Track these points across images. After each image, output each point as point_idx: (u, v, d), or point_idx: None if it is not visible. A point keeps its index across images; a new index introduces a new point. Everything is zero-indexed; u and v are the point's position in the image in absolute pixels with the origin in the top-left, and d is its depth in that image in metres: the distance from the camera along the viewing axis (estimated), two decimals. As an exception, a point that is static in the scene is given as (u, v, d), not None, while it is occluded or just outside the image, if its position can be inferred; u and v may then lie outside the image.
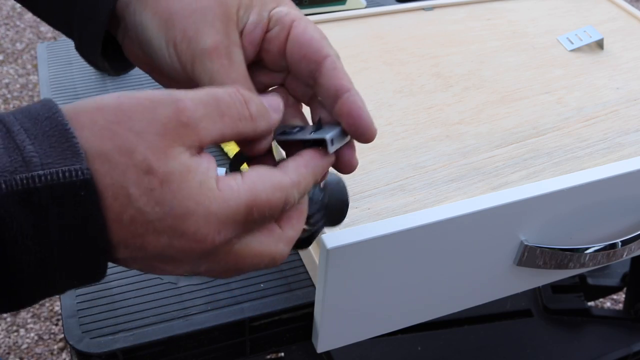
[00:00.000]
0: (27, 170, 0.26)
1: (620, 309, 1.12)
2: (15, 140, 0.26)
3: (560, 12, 0.78)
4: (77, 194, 0.26)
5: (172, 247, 0.29)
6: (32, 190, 0.25)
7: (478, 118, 0.59)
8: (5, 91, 2.02)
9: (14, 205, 0.25)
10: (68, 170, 0.26)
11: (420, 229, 0.44)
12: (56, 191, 0.26)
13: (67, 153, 0.26)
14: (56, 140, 0.27)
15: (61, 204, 0.26)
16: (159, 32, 0.38)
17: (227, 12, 0.37)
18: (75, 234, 0.27)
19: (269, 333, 0.50)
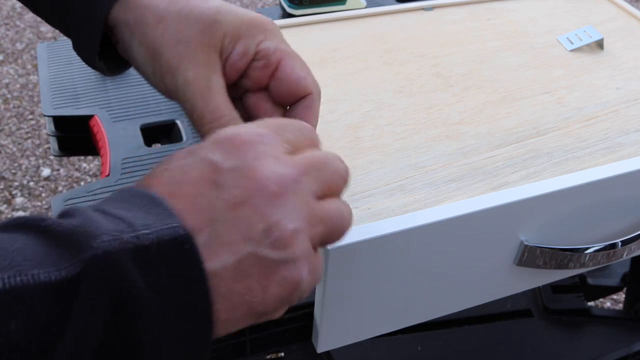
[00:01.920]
0: (133, 231, 0.27)
1: (620, 309, 1.12)
2: (114, 214, 0.28)
3: (560, 12, 0.78)
4: (182, 247, 0.27)
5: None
6: (141, 249, 0.26)
7: (478, 118, 0.59)
8: (5, 91, 2.02)
9: (128, 263, 0.26)
10: (170, 227, 0.27)
11: (420, 229, 0.44)
12: (163, 248, 0.27)
13: (163, 215, 0.28)
14: (149, 208, 0.28)
15: (169, 260, 0.27)
16: (146, 61, 0.39)
17: (211, 42, 0.38)
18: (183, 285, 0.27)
19: (269, 333, 0.50)
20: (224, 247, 0.29)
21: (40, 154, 1.81)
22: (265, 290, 0.30)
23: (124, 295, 0.26)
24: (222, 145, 0.31)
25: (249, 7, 2.47)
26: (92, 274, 0.25)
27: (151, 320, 0.26)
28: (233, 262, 0.29)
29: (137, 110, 0.65)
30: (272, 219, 0.30)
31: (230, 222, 0.29)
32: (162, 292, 0.27)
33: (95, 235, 0.26)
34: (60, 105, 0.65)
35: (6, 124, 1.90)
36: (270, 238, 0.30)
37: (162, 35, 0.38)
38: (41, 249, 0.26)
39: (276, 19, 0.73)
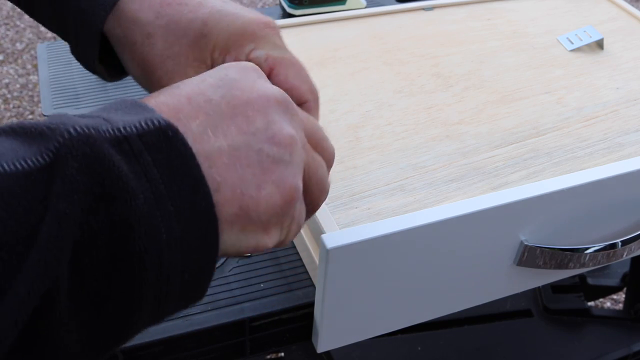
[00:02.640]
0: (110, 124, 0.25)
1: (620, 309, 1.12)
2: (91, 115, 0.26)
3: (560, 12, 0.78)
4: (166, 135, 0.26)
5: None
6: (121, 139, 0.25)
7: (478, 118, 0.59)
8: (5, 91, 2.02)
9: (108, 148, 0.24)
10: (150, 119, 0.26)
11: (420, 229, 0.44)
12: (146, 138, 0.25)
13: (146, 113, 0.26)
14: (132, 109, 0.27)
15: (154, 149, 0.25)
16: (138, 76, 0.39)
17: (200, 56, 0.37)
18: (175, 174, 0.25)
19: (269, 333, 0.50)
20: (218, 133, 0.28)
21: (40, 154, 1.81)
22: (259, 188, 0.28)
23: (107, 179, 0.23)
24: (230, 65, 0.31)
25: (248, 7, 2.47)
26: (66, 156, 0.23)
27: (141, 206, 0.24)
28: (227, 148, 0.28)
29: (137, 110, 0.65)
30: (271, 118, 0.29)
31: (229, 116, 0.28)
32: (151, 179, 0.25)
33: (69, 125, 0.24)
34: (60, 105, 0.65)
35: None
36: (268, 133, 0.29)
37: (150, 53, 0.37)
38: (12, 143, 0.23)
39: (276, 19, 0.73)
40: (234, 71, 0.31)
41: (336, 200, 0.49)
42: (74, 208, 0.23)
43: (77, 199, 0.23)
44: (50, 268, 0.22)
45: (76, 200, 0.23)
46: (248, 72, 0.31)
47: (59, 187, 0.22)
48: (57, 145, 0.23)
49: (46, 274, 0.22)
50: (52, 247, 0.22)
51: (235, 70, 0.31)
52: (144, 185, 0.24)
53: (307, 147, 0.32)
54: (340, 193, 0.49)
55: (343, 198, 0.49)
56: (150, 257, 0.24)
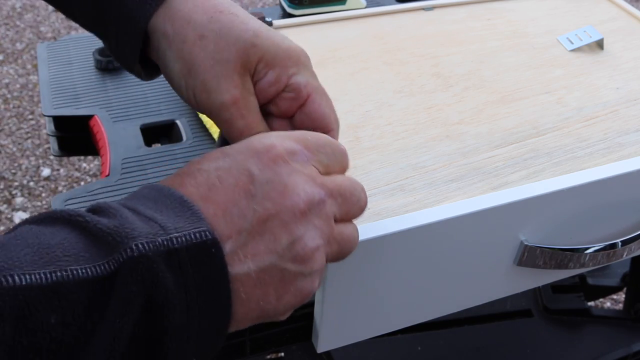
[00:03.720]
0: (166, 234, 0.28)
1: (620, 309, 1.12)
2: (146, 215, 0.29)
3: (560, 12, 0.78)
4: (209, 251, 0.29)
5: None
6: (172, 251, 0.28)
7: (478, 118, 0.59)
8: (5, 91, 2.02)
9: (162, 265, 0.28)
10: (199, 232, 0.29)
11: (420, 229, 0.44)
12: (193, 251, 0.29)
13: (193, 219, 0.29)
14: (179, 210, 0.30)
15: (197, 263, 0.29)
16: (180, 75, 0.39)
17: (247, 65, 0.39)
18: (208, 289, 0.29)
19: (269, 333, 0.50)
20: (249, 255, 0.31)
21: (40, 154, 1.81)
22: (279, 299, 0.32)
23: (155, 294, 0.27)
24: (259, 155, 0.33)
25: (248, 7, 2.47)
26: (128, 273, 0.27)
27: (177, 317, 0.28)
28: (255, 271, 0.31)
29: (137, 110, 0.65)
30: (297, 235, 0.32)
31: (258, 233, 0.31)
32: (188, 291, 0.28)
33: (131, 237, 0.27)
34: (60, 105, 0.65)
35: (6, 124, 1.90)
36: (292, 252, 0.32)
37: (200, 54, 0.38)
38: (80, 245, 0.27)
39: (276, 19, 0.73)
40: (268, 168, 0.32)
41: (336, 200, 0.49)
42: (127, 326, 0.27)
43: (131, 317, 0.27)
44: None
45: (130, 318, 0.27)
46: (280, 174, 0.32)
47: (116, 304, 0.26)
48: (121, 261, 0.27)
49: None
50: (102, 354, 0.26)
51: (268, 168, 0.32)
52: (182, 297, 0.28)
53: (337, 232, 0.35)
54: (340, 193, 0.49)
55: (343, 198, 0.49)
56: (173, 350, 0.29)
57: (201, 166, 0.32)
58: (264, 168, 0.32)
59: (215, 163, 0.32)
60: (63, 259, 0.26)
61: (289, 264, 0.32)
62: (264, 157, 0.33)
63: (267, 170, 0.32)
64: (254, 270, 0.31)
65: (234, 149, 0.33)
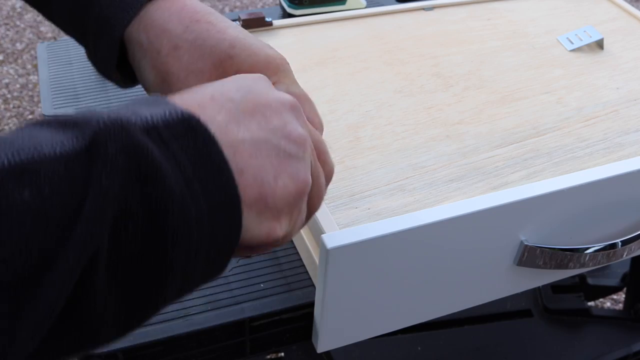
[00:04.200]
0: (137, 115, 0.27)
1: (620, 309, 1.12)
2: (118, 110, 0.27)
3: (560, 12, 0.78)
4: (190, 123, 0.28)
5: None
6: (149, 127, 0.26)
7: (478, 118, 0.59)
8: (5, 91, 2.02)
9: (140, 134, 0.26)
10: (175, 110, 0.28)
11: (420, 229, 0.44)
12: (171, 126, 0.27)
13: (169, 106, 0.28)
14: (153, 103, 0.28)
15: (181, 137, 0.27)
16: (155, 85, 0.39)
17: (222, 76, 0.38)
18: (202, 159, 0.27)
19: (269, 333, 0.50)
20: (241, 127, 0.30)
21: (40, 154, 1.81)
22: (276, 178, 0.31)
23: (143, 162, 0.25)
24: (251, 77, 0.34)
25: (248, 7, 2.47)
26: (106, 141, 0.25)
27: (175, 188, 0.26)
28: (249, 140, 0.30)
29: (137, 110, 0.65)
30: (287, 119, 0.32)
31: (249, 112, 0.31)
32: (180, 163, 0.26)
33: (101, 116, 0.25)
34: (60, 105, 0.65)
35: (6, 124, 1.90)
36: (285, 132, 0.32)
37: (175, 64, 0.38)
38: (47, 132, 0.25)
39: (276, 19, 0.73)
40: (250, 79, 0.33)
41: (336, 200, 0.49)
42: (115, 186, 0.24)
43: (118, 178, 0.24)
44: (94, 239, 0.24)
45: (117, 179, 0.24)
46: (262, 81, 0.34)
47: (100, 167, 0.24)
48: (95, 130, 0.25)
49: (90, 244, 0.24)
50: (95, 220, 0.24)
51: (251, 78, 0.33)
52: (174, 169, 0.26)
53: (314, 153, 0.35)
54: (340, 193, 0.49)
55: (343, 198, 0.49)
56: (181, 233, 0.26)
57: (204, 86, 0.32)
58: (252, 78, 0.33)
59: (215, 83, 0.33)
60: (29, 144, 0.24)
61: (283, 141, 0.31)
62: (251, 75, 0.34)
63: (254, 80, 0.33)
64: (249, 139, 0.30)
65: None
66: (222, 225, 0.28)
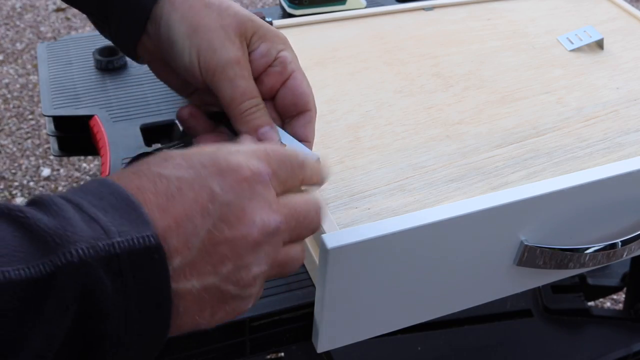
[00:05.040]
0: (108, 238, 0.28)
1: (620, 309, 1.12)
2: (89, 214, 0.28)
3: (560, 12, 0.78)
4: (152, 257, 0.29)
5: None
6: (113, 257, 0.27)
7: (478, 118, 0.59)
8: (5, 91, 2.02)
9: (100, 272, 0.27)
10: (142, 237, 0.28)
11: (420, 229, 0.44)
12: (133, 256, 0.28)
13: (138, 222, 0.29)
14: (125, 211, 0.29)
15: (138, 269, 0.28)
16: (185, 37, 0.43)
17: (244, 34, 0.44)
18: (148, 296, 0.29)
19: (269, 333, 0.50)
20: (194, 274, 0.31)
21: (40, 154, 1.81)
22: (213, 315, 0.33)
23: (92, 301, 0.27)
24: (224, 174, 0.32)
25: (249, 7, 2.47)
26: (65, 279, 0.26)
27: (114, 322, 0.28)
28: (197, 289, 0.31)
29: (137, 110, 0.65)
30: (245, 262, 0.33)
31: (208, 252, 0.31)
32: (127, 297, 0.28)
33: (72, 241, 0.27)
34: (60, 105, 0.65)
35: (6, 124, 1.90)
36: (236, 277, 0.32)
37: (205, 17, 0.43)
38: (16, 242, 0.26)
39: (276, 19, 0.73)
40: (230, 189, 0.32)
41: (336, 200, 0.49)
42: (61, 331, 0.26)
43: (65, 323, 0.26)
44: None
45: (64, 324, 0.26)
46: (241, 197, 0.32)
47: (51, 310, 0.26)
48: (59, 265, 0.26)
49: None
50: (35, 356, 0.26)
51: (230, 188, 0.32)
52: (120, 303, 0.28)
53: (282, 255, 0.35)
54: (340, 193, 0.49)
55: (343, 198, 0.49)
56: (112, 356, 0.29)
57: (162, 171, 0.31)
58: (227, 189, 0.32)
59: (177, 171, 0.32)
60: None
61: (230, 287, 0.32)
62: (229, 178, 0.32)
63: (230, 191, 0.32)
64: (196, 288, 0.31)
65: (198, 161, 0.33)
66: (149, 353, 0.31)
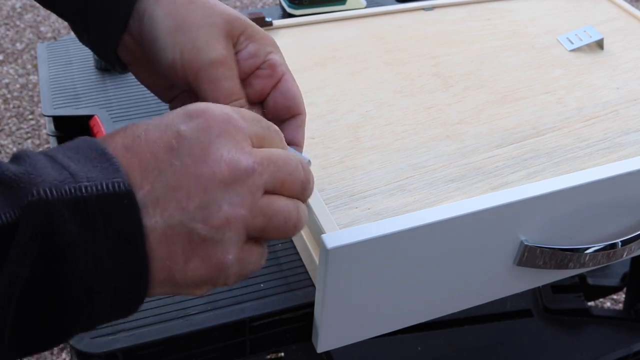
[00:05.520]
0: (75, 182, 0.28)
1: (620, 309, 1.12)
2: (61, 163, 0.29)
3: (560, 12, 0.78)
4: (122, 202, 0.28)
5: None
6: (79, 200, 0.27)
7: (478, 118, 0.59)
8: (5, 91, 2.02)
9: (64, 212, 0.27)
10: (112, 182, 0.28)
11: (420, 229, 0.44)
12: (103, 201, 0.28)
13: (110, 170, 0.29)
14: (98, 161, 0.29)
15: (108, 213, 0.28)
16: (168, 34, 0.41)
17: (231, 33, 0.41)
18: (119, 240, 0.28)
19: (269, 333, 0.50)
20: (158, 209, 0.30)
21: (40, 154, 1.81)
22: (187, 262, 0.31)
23: (56, 241, 0.27)
24: (191, 116, 0.32)
25: (249, 7, 2.47)
26: (27, 219, 0.26)
27: (81, 265, 0.27)
28: (161, 226, 0.30)
29: (137, 110, 0.65)
30: (212, 198, 0.31)
31: (172, 188, 0.30)
32: (96, 240, 0.28)
33: (35, 182, 0.27)
34: (60, 105, 0.65)
35: (6, 124, 1.90)
36: (204, 214, 0.31)
37: (190, 14, 0.40)
38: None
39: (276, 19, 0.73)
40: (197, 128, 0.32)
41: (336, 200, 0.49)
42: (24, 270, 0.26)
43: (28, 263, 0.26)
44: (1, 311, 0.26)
45: (26, 264, 0.26)
46: (208, 133, 0.32)
47: (14, 252, 0.26)
48: (21, 206, 0.26)
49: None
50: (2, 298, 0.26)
51: (197, 127, 0.32)
52: (88, 247, 0.27)
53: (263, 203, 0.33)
54: (340, 193, 0.49)
55: (343, 198, 0.49)
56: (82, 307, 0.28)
57: (134, 124, 0.32)
58: (193, 127, 0.31)
59: (148, 123, 0.32)
60: None
61: (199, 225, 0.31)
62: (196, 119, 0.32)
63: (196, 129, 0.31)
64: (161, 225, 0.30)
65: (170, 112, 0.33)
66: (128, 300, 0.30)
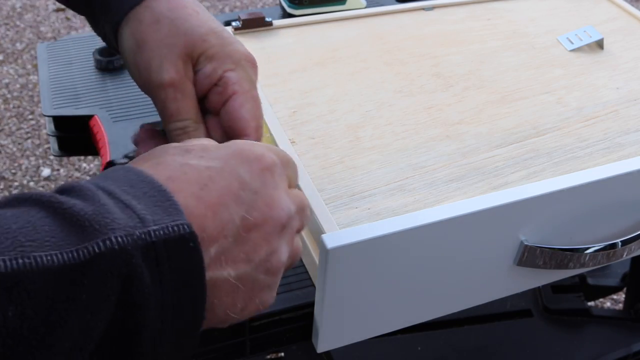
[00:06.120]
0: (144, 226, 0.27)
1: (620, 309, 1.12)
2: (123, 201, 0.28)
3: (560, 12, 0.78)
4: (187, 246, 0.28)
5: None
6: (149, 245, 0.27)
7: (478, 118, 0.59)
8: (5, 91, 2.02)
9: (139, 260, 0.27)
10: (177, 225, 0.28)
11: (420, 229, 0.44)
12: (169, 244, 0.28)
13: (171, 210, 0.29)
14: (158, 199, 0.29)
15: (174, 257, 0.28)
16: (130, 51, 0.42)
17: (190, 53, 0.42)
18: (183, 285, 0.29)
19: (269, 333, 0.50)
20: (229, 262, 0.31)
21: (40, 154, 1.81)
22: (244, 309, 0.33)
23: (132, 291, 0.26)
24: (249, 163, 0.33)
25: (248, 7, 2.47)
26: (105, 266, 0.25)
27: (152, 313, 0.27)
28: (232, 278, 0.31)
29: (137, 110, 0.65)
30: (274, 247, 0.33)
31: (242, 240, 0.31)
32: (164, 287, 0.28)
33: (111, 228, 0.26)
34: (60, 105, 0.65)
35: (6, 124, 1.90)
36: (267, 264, 0.33)
37: (151, 35, 0.41)
38: (46, 229, 0.25)
39: (276, 19, 0.73)
40: (257, 177, 0.33)
41: (336, 200, 0.49)
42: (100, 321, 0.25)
43: (105, 314, 0.25)
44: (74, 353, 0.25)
45: (104, 315, 0.25)
46: (266, 178, 0.34)
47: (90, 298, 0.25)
48: (97, 252, 0.25)
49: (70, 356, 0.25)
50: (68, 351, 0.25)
51: (257, 177, 0.33)
52: (157, 293, 0.27)
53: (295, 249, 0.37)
54: (340, 193, 0.49)
55: (343, 198, 0.49)
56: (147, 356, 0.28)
57: (189, 162, 0.32)
58: (254, 177, 0.33)
59: (204, 162, 0.32)
60: (26, 244, 0.24)
61: (262, 276, 0.33)
62: (255, 166, 0.33)
63: (257, 179, 0.33)
64: (232, 277, 0.31)
65: (222, 151, 0.34)
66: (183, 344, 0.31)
